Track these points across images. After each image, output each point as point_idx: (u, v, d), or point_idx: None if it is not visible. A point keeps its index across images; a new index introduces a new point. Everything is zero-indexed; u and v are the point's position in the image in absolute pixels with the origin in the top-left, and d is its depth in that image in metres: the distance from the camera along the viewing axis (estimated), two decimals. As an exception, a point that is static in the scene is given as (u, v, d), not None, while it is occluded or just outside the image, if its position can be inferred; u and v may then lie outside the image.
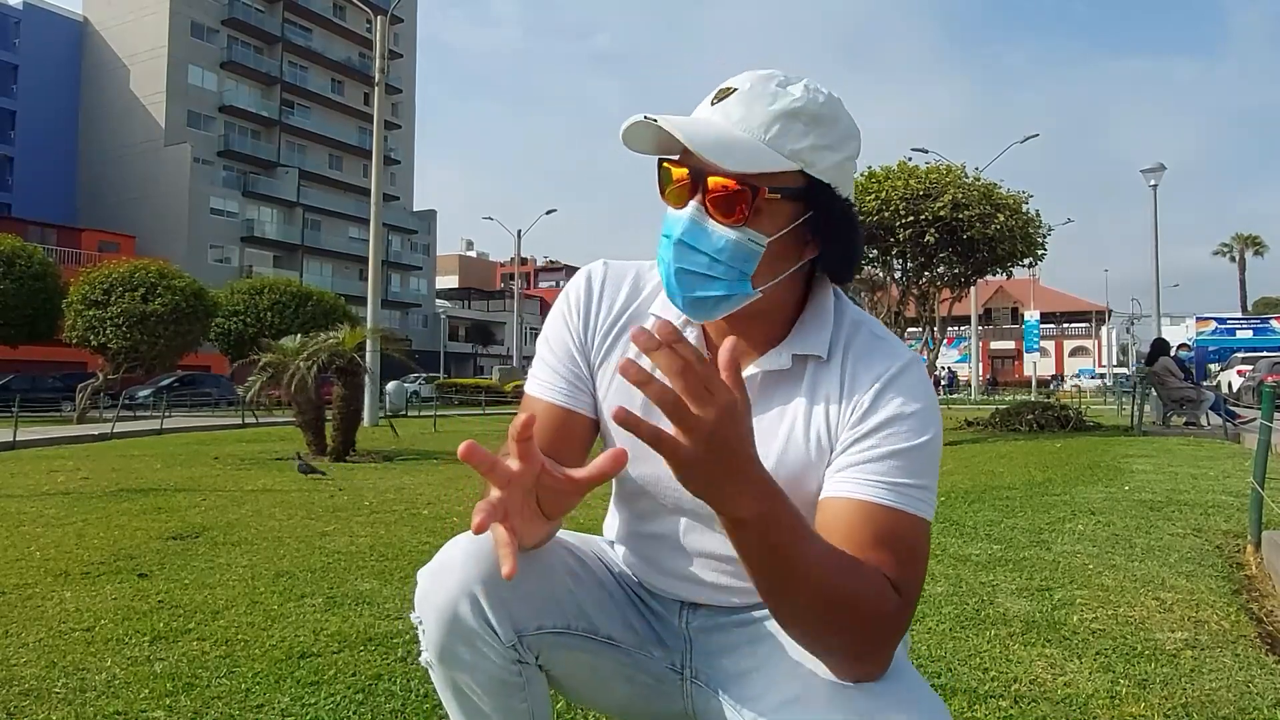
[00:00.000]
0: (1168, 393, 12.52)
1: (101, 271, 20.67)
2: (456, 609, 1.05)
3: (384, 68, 19.02)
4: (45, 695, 2.16)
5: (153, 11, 47.94)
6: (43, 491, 6.37)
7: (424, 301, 60.74)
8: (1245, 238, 60.06)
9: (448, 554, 1.09)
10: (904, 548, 0.94)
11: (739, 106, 0.97)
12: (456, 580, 1.05)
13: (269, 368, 9.20)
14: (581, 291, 1.16)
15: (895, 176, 10.60)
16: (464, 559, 1.06)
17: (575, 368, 1.14)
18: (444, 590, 1.06)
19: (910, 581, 0.93)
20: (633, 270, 1.18)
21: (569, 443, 1.11)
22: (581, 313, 1.15)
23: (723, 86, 1.00)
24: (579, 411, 1.13)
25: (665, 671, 1.18)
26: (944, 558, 3.72)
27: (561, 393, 1.13)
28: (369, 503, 5.72)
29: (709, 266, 0.98)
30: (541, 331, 1.19)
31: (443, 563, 1.08)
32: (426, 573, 1.09)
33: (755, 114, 0.97)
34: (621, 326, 1.14)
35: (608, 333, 1.14)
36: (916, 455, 0.97)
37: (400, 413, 20.52)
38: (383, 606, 3.01)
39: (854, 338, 1.06)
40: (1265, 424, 4.22)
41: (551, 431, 1.11)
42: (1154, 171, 20.75)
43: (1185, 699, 2.13)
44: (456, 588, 1.05)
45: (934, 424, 1.00)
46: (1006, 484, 6.25)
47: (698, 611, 1.18)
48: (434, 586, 1.07)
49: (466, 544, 1.08)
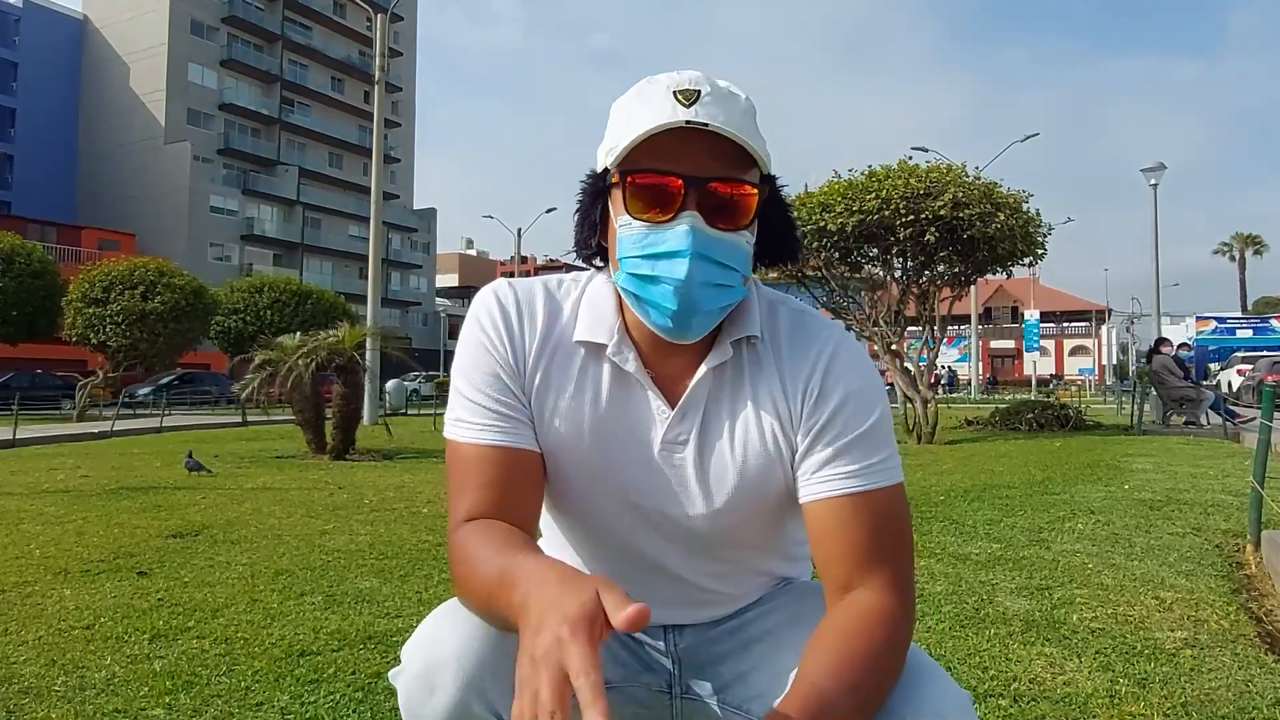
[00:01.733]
0: (1167, 392, 12.52)
1: (101, 269, 20.70)
2: (466, 712, 0.92)
3: (384, 66, 19.00)
4: (45, 693, 2.16)
5: (153, 9, 47.91)
6: (42, 489, 6.37)
7: (424, 300, 60.73)
8: (1245, 237, 60.10)
9: (432, 654, 0.93)
10: (892, 524, 0.98)
11: (718, 108, 0.94)
12: (455, 681, 0.92)
13: (266, 365, 9.20)
14: (498, 316, 1.05)
15: (896, 175, 10.59)
16: (456, 655, 0.92)
17: (509, 398, 1.02)
18: (445, 695, 0.92)
19: (906, 560, 0.99)
20: (539, 287, 1.09)
21: (520, 488, 1.00)
22: (505, 338, 1.04)
23: (682, 87, 0.95)
24: (523, 448, 1.01)
25: (653, 696, 1.14)
26: (943, 556, 3.72)
27: (500, 431, 1.00)
28: (369, 501, 5.72)
29: (723, 275, 0.96)
30: (456, 369, 1.05)
31: (431, 665, 0.93)
32: (413, 677, 0.94)
33: (733, 116, 0.94)
34: (551, 351, 1.05)
35: (539, 356, 1.04)
36: (877, 430, 1.00)
37: (400, 411, 20.53)
38: (382, 605, 3.01)
39: (776, 314, 1.07)
40: (1265, 423, 4.21)
41: (499, 478, 0.99)
42: (1154, 171, 20.74)
43: (1185, 698, 2.13)
44: (460, 690, 0.91)
45: (882, 393, 1.04)
46: (1006, 483, 6.24)
47: (684, 632, 1.15)
48: (431, 693, 0.93)
49: (451, 632, 0.94)
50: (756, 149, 0.93)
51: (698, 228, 0.93)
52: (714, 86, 0.96)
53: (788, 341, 1.05)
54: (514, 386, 1.03)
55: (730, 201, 0.95)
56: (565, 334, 1.06)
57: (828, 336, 1.04)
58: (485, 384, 1.02)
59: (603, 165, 1.00)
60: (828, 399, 1.01)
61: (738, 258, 0.97)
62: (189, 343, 21.50)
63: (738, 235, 0.96)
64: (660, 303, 0.96)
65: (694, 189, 0.94)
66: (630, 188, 0.96)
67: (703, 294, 0.95)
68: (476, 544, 0.94)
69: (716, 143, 0.93)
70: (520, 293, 1.08)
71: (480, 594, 0.91)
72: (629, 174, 0.95)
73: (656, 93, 0.96)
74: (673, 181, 0.94)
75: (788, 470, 1.03)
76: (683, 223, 0.93)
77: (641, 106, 0.96)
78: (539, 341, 1.05)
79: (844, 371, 1.02)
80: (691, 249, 0.93)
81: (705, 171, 0.94)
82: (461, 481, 1.01)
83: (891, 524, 0.99)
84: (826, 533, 0.97)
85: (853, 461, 0.99)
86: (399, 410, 20.71)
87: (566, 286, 1.10)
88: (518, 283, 1.10)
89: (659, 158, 0.94)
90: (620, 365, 1.03)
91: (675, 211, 0.94)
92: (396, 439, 11.86)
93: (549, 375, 1.04)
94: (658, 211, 0.95)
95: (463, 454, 1.01)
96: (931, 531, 4.30)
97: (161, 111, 47.38)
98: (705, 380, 1.03)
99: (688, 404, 1.03)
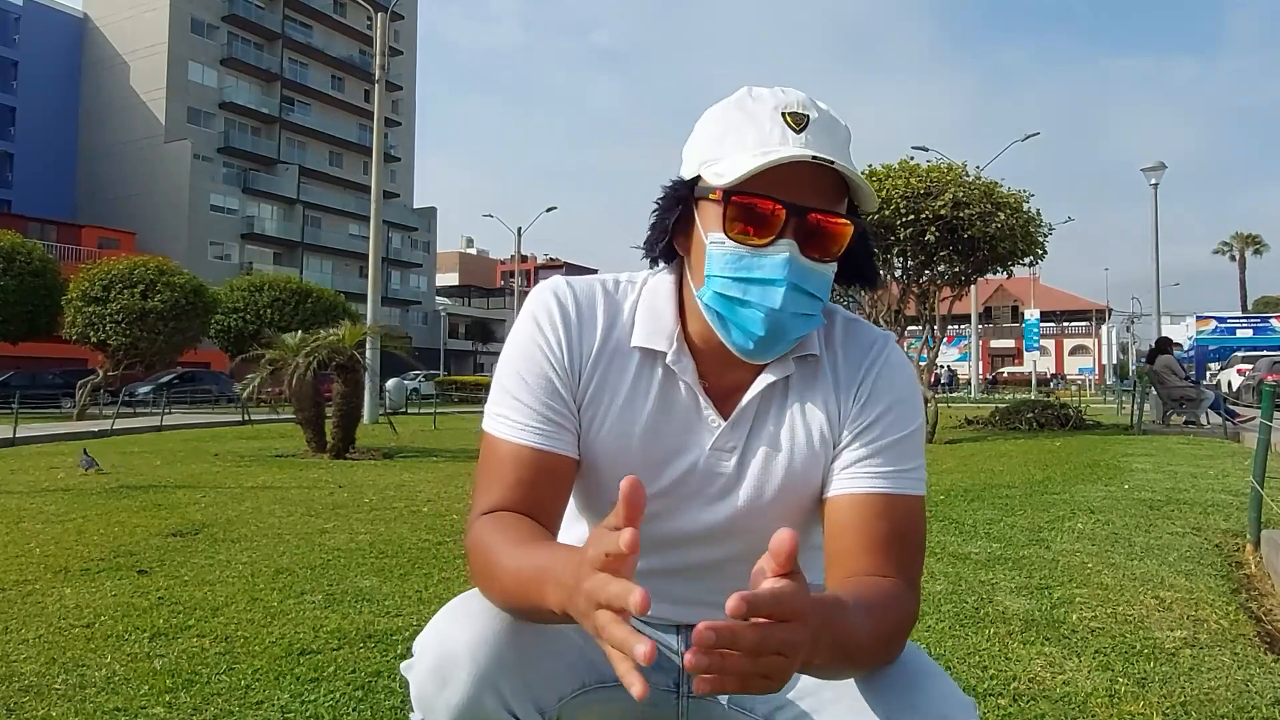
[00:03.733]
0: (1167, 391, 12.53)
1: (101, 268, 20.66)
2: (480, 707, 0.91)
3: (384, 64, 19.00)
4: (45, 691, 2.17)
5: (153, 8, 47.90)
6: (43, 488, 6.37)
7: (424, 299, 60.71)
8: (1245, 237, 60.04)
9: (445, 648, 0.93)
10: (913, 532, 1.00)
11: (824, 138, 0.93)
12: (469, 675, 0.91)
13: (269, 364, 9.20)
14: (558, 318, 1.03)
15: (896, 175, 10.59)
16: (469, 649, 0.92)
17: (559, 404, 1.01)
18: (458, 689, 0.91)
19: (919, 567, 1.00)
20: (599, 289, 1.07)
21: (551, 491, 1.01)
22: (563, 341, 1.02)
23: (793, 110, 0.94)
24: (562, 454, 1.01)
25: (661, 695, 1.14)
26: (943, 556, 3.72)
27: (542, 434, 1.00)
28: (369, 500, 5.72)
29: (810, 305, 0.97)
30: (505, 362, 1.04)
31: (444, 659, 0.92)
32: (426, 671, 0.93)
33: (837, 145, 0.94)
34: (609, 356, 1.04)
35: (596, 362, 1.03)
36: (912, 439, 1.03)
37: (400, 410, 20.52)
38: (382, 604, 3.01)
39: (831, 328, 1.08)
40: (1265, 423, 4.21)
41: (532, 479, 0.99)
42: (1154, 170, 20.72)
43: (1184, 697, 2.13)
44: (474, 685, 0.91)
45: (921, 405, 1.07)
46: (1006, 482, 6.25)
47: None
48: (443, 687, 0.92)
49: (465, 629, 0.94)
50: (863, 186, 0.93)
51: (795, 258, 0.93)
52: (820, 112, 0.96)
53: (842, 350, 1.07)
54: (564, 392, 1.02)
55: (827, 233, 0.94)
56: (622, 339, 1.05)
57: (880, 346, 1.07)
58: (536, 385, 1.01)
59: (693, 173, 0.98)
60: (874, 404, 1.03)
61: (824, 288, 0.97)
62: (189, 341, 21.46)
63: (827, 267, 0.97)
64: (748, 327, 0.96)
65: (795, 218, 0.93)
66: (731, 208, 0.93)
67: (791, 323, 0.96)
68: (499, 538, 0.94)
69: (819, 171, 0.91)
70: (580, 294, 1.05)
71: (508, 590, 0.91)
72: (732, 193, 0.93)
73: (763, 112, 0.94)
74: (776, 208, 0.92)
75: (826, 467, 1.04)
76: (781, 251, 0.93)
77: (748, 125, 0.94)
78: (598, 347, 1.04)
79: (892, 380, 1.04)
80: (788, 279, 0.93)
81: (807, 200, 0.92)
82: (492, 477, 1.01)
83: (912, 531, 1.00)
84: (851, 526, 0.98)
85: (887, 464, 1.00)
86: (399, 409, 20.70)
87: (624, 288, 1.09)
88: (577, 282, 1.07)
89: (763, 182, 0.91)
90: (679, 374, 1.03)
91: (773, 238, 0.93)
92: (396, 438, 11.87)
93: (605, 381, 1.04)
94: (755, 235, 0.93)
95: (499, 450, 1.01)
96: (931, 531, 4.30)
97: (162, 110, 47.38)
98: (763, 392, 1.04)
99: (741, 415, 1.04)
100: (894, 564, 0.97)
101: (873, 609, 0.88)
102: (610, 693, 1.09)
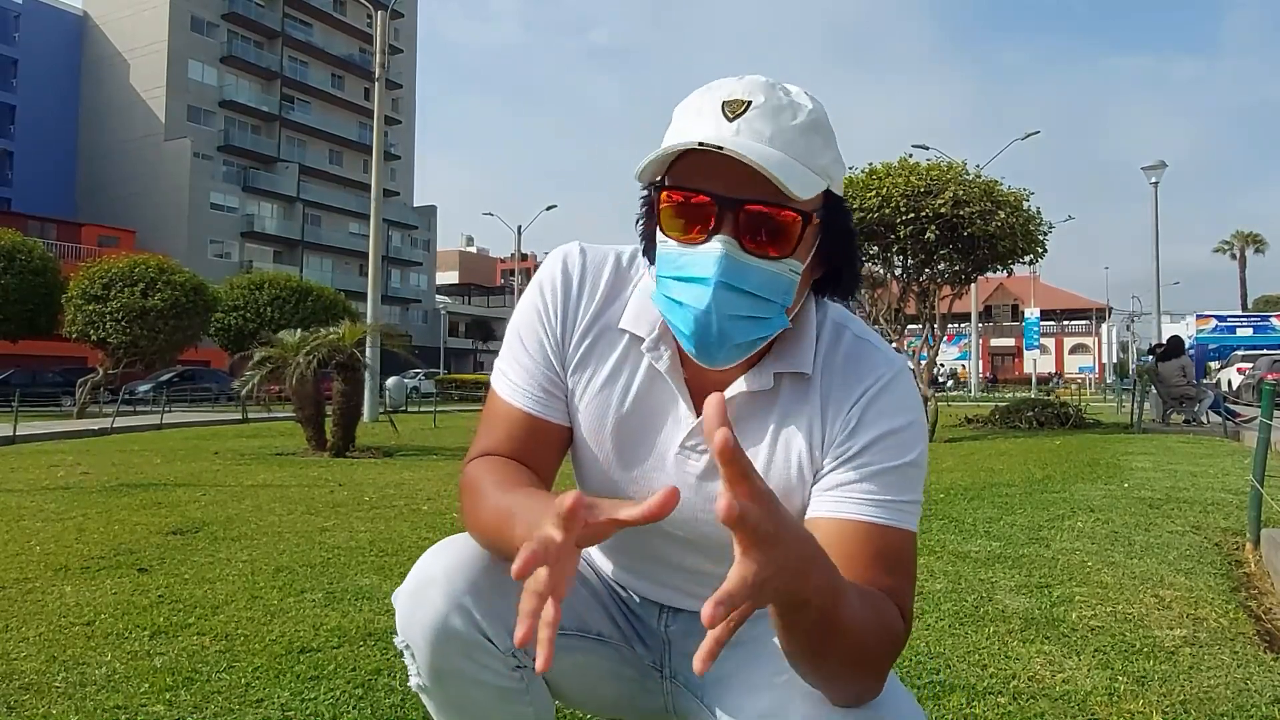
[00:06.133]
0: (1167, 390, 12.53)
1: (101, 266, 20.66)
2: (448, 624, 0.96)
3: (384, 63, 18.99)
4: (45, 689, 2.17)
5: (153, 6, 47.89)
6: (43, 486, 6.37)
7: (424, 297, 60.71)
8: (1246, 235, 60.02)
9: (424, 571, 0.99)
10: (901, 565, 0.93)
11: (765, 122, 0.87)
12: (441, 595, 0.96)
13: (267, 362, 9.20)
14: (559, 284, 1.04)
15: (896, 173, 10.58)
16: (445, 572, 0.97)
17: (550, 373, 1.04)
18: (430, 607, 0.97)
19: (910, 600, 0.94)
20: (610, 260, 1.05)
21: (542, 451, 1.04)
22: (559, 312, 1.04)
23: (733, 98, 0.89)
24: (553, 421, 1.04)
25: (648, 669, 1.16)
26: (943, 554, 3.72)
27: (535, 400, 1.03)
28: (369, 498, 5.72)
29: (753, 307, 0.89)
30: (513, 322, 1.07)
31: (421, 581, 0.98)
32: (405, 594, 1.00)
33: (785, 130, 0.87)
34: (597, 332, 1.03)
35: (584, 337, 1.04)
36: (907, 471, 0.95)
37: (400, 408, 20.53)
38: (382, 602, 3.01)
39: (835, 346, 1.01)
40: (1265, 422, 4.21)
41: (523, 439, 1.03)
42: (1155, 169, 20.73)
43: (1184, 696, 2.13)
44: (444, 603, 0.96)
45: (922, 438, 0.98)
46: (1006, 481, 6.24)
47: (677, 616, 1.16)
48: (418, 606, 0.98)
49: (443, 555, 0.99)
50: (780, 178, 0.83)
51: (730, 254, 0.86)
52: (769, 97, 0.89)
53: (841, 374, 0.99)
54: (555, 361, 1.04)
55: (769, 226, 0.87)
56: (615, 318, 1.04)
57: (882, 372, 0.98)
58: (534, 350, 1.05)
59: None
60: (863, 432, 0.96)
61: (775, 288, 0.90)
62: (189, 340, 21.47)
63: (777, 264, 0.89)
64: (681, 328, 0.91)
65: (729, 211, 0.87)
66: (665, 205, 0.90)
67: (729, 326, 0.89)
68: (489, 478, 0.98)
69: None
70: (590, 263, 1.05)
71: (487, 526, 0.95)
72: (663, 190, 0.90)
73: (709, 102, 0.90)
74: (705, 201, 0.87)
75: (807, 495, 0.98)
76: (713, 248, 0.87)
77: (691, 117, 0.90)
78: (589, 319, 1.04)
79: (887, 408, 0.96)
80: (716, 277, 0.86)
81: (742, 192, 0.86)
82: (490, 428, 1.05)
83: (902, 568, 0.93)
84: (832, 550, 0.90)
85: (876, 492, 0.93)
86: (399, 408, 20.70)
87: (639, 264, 1.06)
88: (591, 250, 1.07)
89: (696, 174, 0.87)
90: (653, 362, 1.01)
91: (708, 233, 0.87)
92: (396, 436, 11.87)
93: (590, 354, 1.04)
94: (689, 232, 0.89)
95: (499, 408, 1.06)
96: (931, 529, 4.30)
97: (162, 108, 47.37)
98: (739, 400, 0.99)
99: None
100: (881, 590, 0.89)
101: (867, 597, 0.85)
102: (593, 645, 1.11)
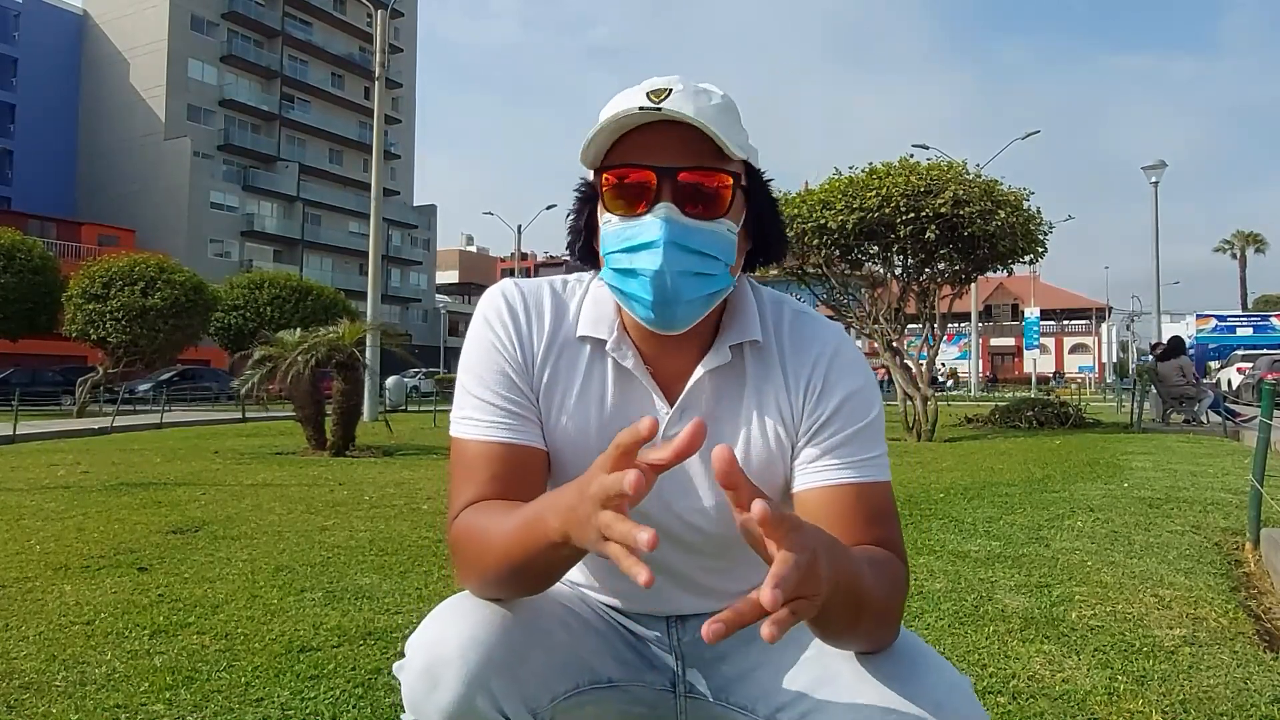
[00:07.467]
0: (1167, 390, 12.53)
1: (101, 265, 20.68)
2: (467, 708, 0.91)
3: (384, 62, 18.99)
4: (45, 688, 2.17)
5: (153, 5, 47.87)
6: (43, 485, 6.37)
7: (424, 296, 60.73)
8: (1246, 235, 60.00)
9: (436, 648, 0.92)
10: (888, 514, 1.02)
11: (687, 102, 0.94)
12: (458, 677, 0.91)
13: (266, 361, 9.20)
14: (506, 316, 1.06)
15: (896, 173, 10.58)
16: (459, 650, 0.91)
17: (519, 396, 1.04)
18: (448, 691, 0.90)
19: (901, 540, 1.02)
20: (545, 287, 1.10)
21: (524, 483, 1.00)
22: (513, 337, 1.05)
23: (654, 88, 0.96)
24: (529, 445, 1.03)
25: (658, 696, 1.14)
26: (943, 554, 3.72)
27: (508, 429, 1.02)
28: (369, 497, 5.72)
29: (702, 264, 0.97)
30: (463, 367, 1.06)
31: (434, 659, 0.92)
32: (415, 672, 0.93)
33: (705, 109, 0.94)
34: (560, 347, 1.07)
35: (546, 354, 1.06)
36: (874, 427, 1.04)
37: (400, 407, 20.53)
38: (382, 601, 3.02)
39: (780, 317, 1.09)
40: (1265, 421, 4.21)
41: (504, 474, 1.00)
42: (1155, 168, 20.73)
43: (1183, 695, 2.13)
44: (463, 686, 0.90)
45: (878, 393, 1.08)
46: (1006, 480, 6.25)
47: (686, 624, 1.16)
48: (433, 688, 0.91)
49: (453, 627, 0.94)
50: (719, 134, 0.92)
51: (672, 218, 0.94)
52: (687, 86, 0.97)
53: (790, 342, 1.07)
54: (522, 384, 1.04)
55: (704, 190, 0.96)
56: (571, 332, 1.08)
57: (828, 338, 1.07)
58: (494, 382, 1.04)
59: (585, 170, 1.03)
60: (829, 397, 1.04)
61: (718, 246, 0.97)
62: (189, 339, 21.49)
63: (715, 224, 0.97)
64: (639, 294, 0.97)
65: (667, 180, 0.95)
66: (607, 184, 0.98)
67: (683, 283, 0.96)
68: (486, 519, 0.96)
69: (690, 136, 0.93)
70: (527, 292, 1.09)
71: (503, 555, 0.92)
72: (604, 171, 0.98)
73: (632, 95, 0.97)
74: (645, 174, 0.95)
75: (788, 466, 1.06)
76: (657, 213, 0.95)
77: (620, 106, 0.97)
78: (546, 340, 1.07)
79: (844, 372, 1.05)
80: (665, 238, 0.94)
81: (678, 163, 0.95)
82: (466, 477, 1.02)
83: (889, 517, 1.02)
84: (824, 517, 0.98)
85: (850, 455, 1.02)
86: (399, 407, 20.71)
87: (571, 286, 1.12)
88: (525, 283, 1.11)
89: (633, 153, 0.95)
90: (620, 361, 1.05)
91: (650, 204, 0.95)
92: (396, 435, 11.87)
93: (557, 373, 1.06)
94: (633, 205, 0.96)
95: (469, 451, 1.02)
96: (931, 529, 4.30)
97: (161, 107, 47.36)
98: (704, 382, 1.05)
99: (685, 403, 1.05)
100: (875, 541, 0.99)
101: (872, 560, 0.92)
102: (604, 693, 1.09)
